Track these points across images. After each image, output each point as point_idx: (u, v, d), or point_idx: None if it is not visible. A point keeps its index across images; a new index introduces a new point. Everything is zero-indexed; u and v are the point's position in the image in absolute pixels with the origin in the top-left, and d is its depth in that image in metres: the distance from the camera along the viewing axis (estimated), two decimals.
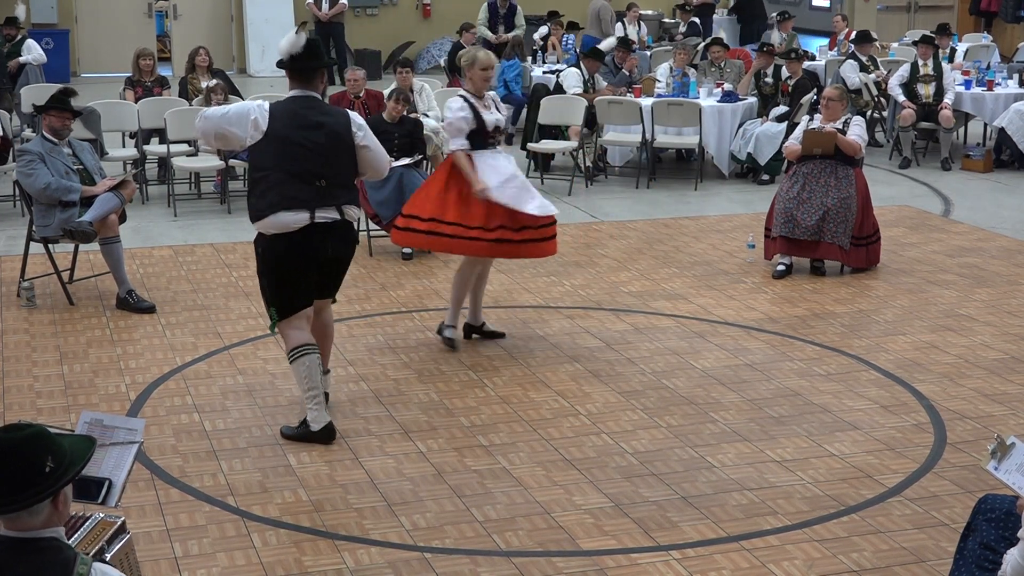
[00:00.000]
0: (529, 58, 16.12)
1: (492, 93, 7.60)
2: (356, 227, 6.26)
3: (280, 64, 6.18)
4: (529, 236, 7.39)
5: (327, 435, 6.13)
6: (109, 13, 20.80)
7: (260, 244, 6.13)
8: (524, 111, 13.80)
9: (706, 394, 6.85)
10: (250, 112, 6.03)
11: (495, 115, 7.45)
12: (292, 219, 5.95)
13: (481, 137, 7.38)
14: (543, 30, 16.93)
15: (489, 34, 17.15)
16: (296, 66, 6.11)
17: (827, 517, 5.40)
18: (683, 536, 5.23)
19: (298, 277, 6.09)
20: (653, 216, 11.25)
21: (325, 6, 19.40)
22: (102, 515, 4.07)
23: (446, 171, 7.42)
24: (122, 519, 4.11)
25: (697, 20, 18.87)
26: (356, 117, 6.26)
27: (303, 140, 5.99)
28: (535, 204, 7.32)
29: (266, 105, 6.10)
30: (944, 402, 6.76)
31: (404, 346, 7.61)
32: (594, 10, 17.58)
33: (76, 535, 3.94)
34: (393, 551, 5.08)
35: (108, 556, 3.93)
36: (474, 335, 7.74)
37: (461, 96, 7.42)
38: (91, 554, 3.85)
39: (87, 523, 4.02)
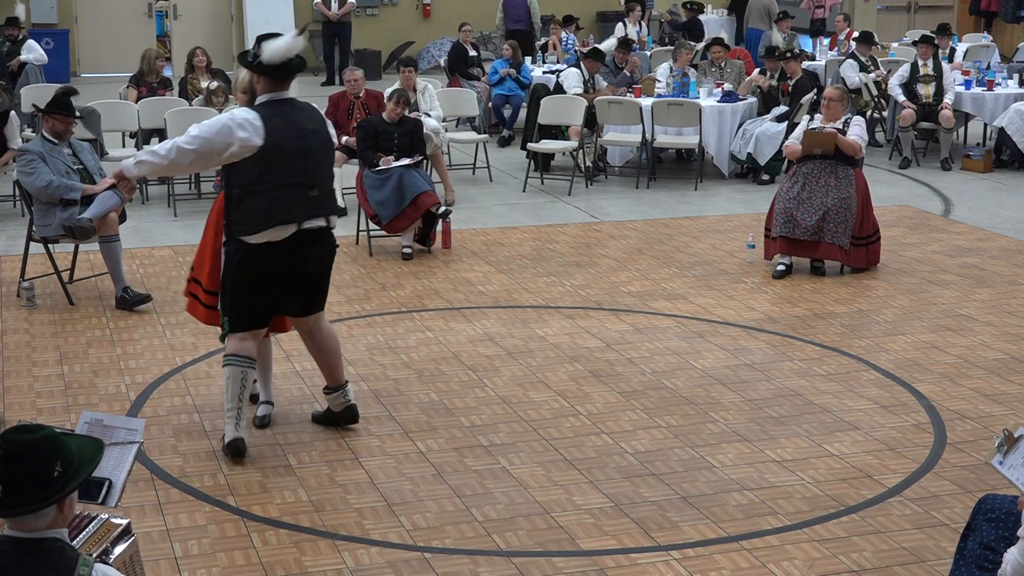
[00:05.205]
0: (528, 59, 16.13)
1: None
2: (334, 236, 6.05)
3: (260, 68, 5.70)
4: None
5: (230, 450, 5.88)
6: (109, 13, 20.81)
7: (239, 250, 5.79)
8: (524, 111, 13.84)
9: (706, 394, 6.85)
10: (232, 129, 5.63)
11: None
12: (284, 230, 5.73)
13: None
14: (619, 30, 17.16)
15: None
16: (289, 69, 5.77)
17: (827, 517, 5.40)
18: (683, 536, 5.23)
19: (264, 294, 5.83)
20: (653, 216, 11.25)
21: (334, 6, 19.42)
22: (107, 516, 4.07)
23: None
24: (128, 521, 4.10)
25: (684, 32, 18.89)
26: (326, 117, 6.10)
27: (294, 149, 5.71)
28: None
29: (254, 116, 5.70)
30: (944, 402, 6.76)
31: (404, 346, 7.61)
32: (763, 5, 17.90)
33: (81, 536, 3.93)
34: (393, 551, 5.08)
35: (112, 558, 3.93)
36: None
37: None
38: (95, 555, 3.85)
39: (92, 524, 4.01)
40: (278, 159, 5.68)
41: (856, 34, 15.87)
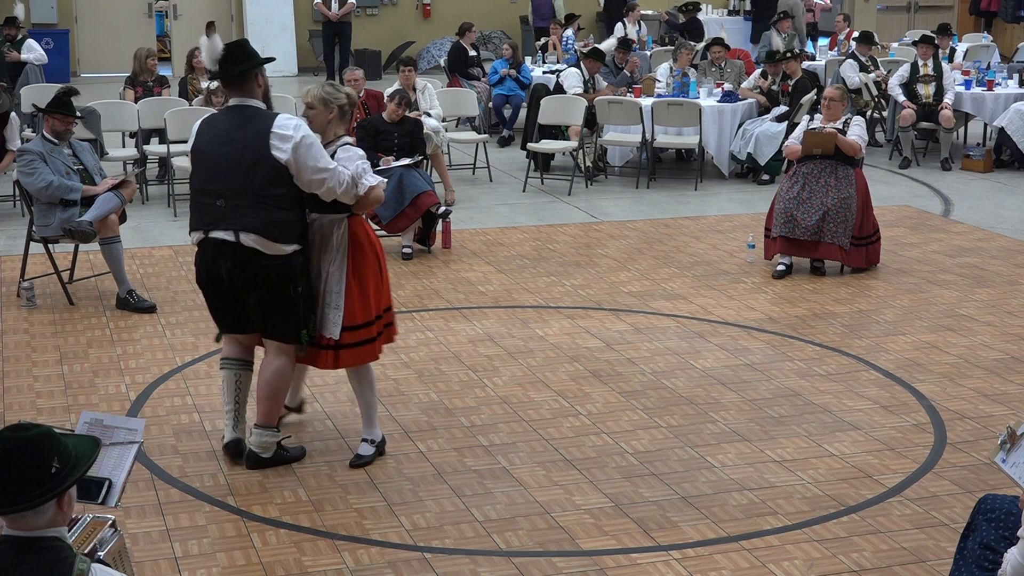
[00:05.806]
0: (528, 59, 16.13)
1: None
2: (266, 258, 5.51)
3: (212, 75, 5.88)
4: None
5: (228, 451, 5.87)
6: (109, 13, 20.83)
7: None
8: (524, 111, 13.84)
9: (706, 394, 6.85)
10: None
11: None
12: (195, 235, 5.67)
13: None
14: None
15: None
16: (223, 73, 5.64)
17: (827, 517, 5.40)
18: (683, 536, 5.23)
19: (209, 297, 5.81)
20: (653, 216, 11.25)
21: (334, 6, 19.45)
22: (91, 516, 4.07)
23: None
24: (113, 518, 4.10)
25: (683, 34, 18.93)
26: (287, 128, 5.47)
27: (209, 155, 5.59)
28: None
29: (199, 120, 5.84)
30: (944, 402, 6.76)
31: (404, 346, 7.60)
32: (788, 6, 18.05)
33: (68, 536, 3.93)
34: (393, 551, 5.08)
35: (101, 555, 3.93)
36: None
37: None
38: (85, 553, 3.84)
39: (78, 523, 4.01)
40: (195, 164, 5.76)
41: (856, 34, 15.88)
